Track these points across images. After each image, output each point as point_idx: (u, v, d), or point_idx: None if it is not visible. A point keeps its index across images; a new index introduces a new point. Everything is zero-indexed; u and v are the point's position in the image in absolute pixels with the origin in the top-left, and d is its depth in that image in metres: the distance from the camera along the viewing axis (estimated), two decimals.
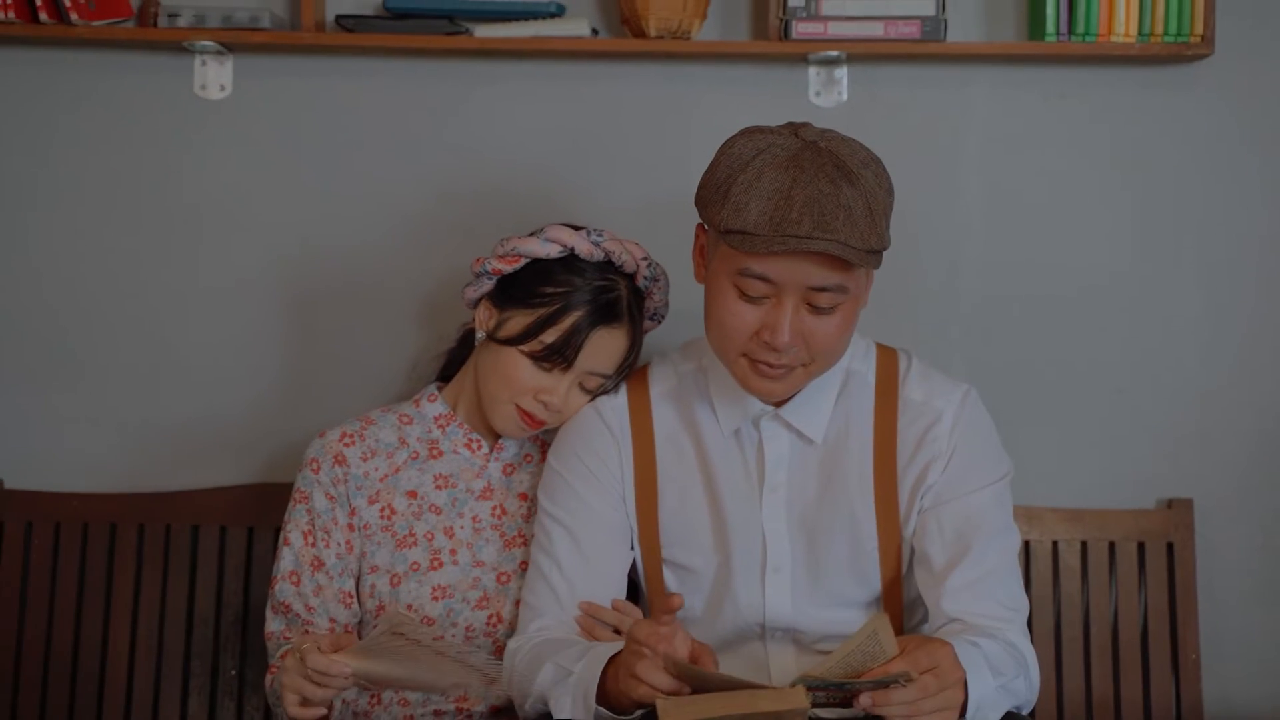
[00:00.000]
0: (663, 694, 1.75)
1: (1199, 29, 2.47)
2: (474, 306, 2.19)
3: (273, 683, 2.10)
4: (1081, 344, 2.62)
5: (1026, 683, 1.95)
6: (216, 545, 2.53)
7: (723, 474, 2.08)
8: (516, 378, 2.11)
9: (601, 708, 1.85)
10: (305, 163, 2.59)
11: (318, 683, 1.87)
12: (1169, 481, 2.61)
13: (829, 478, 2.06)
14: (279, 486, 2.45)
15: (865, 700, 1.71)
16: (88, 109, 2.58)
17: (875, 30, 2.46)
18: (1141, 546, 2.57)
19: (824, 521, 2.05)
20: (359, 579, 2.18)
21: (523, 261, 2.12)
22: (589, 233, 2.12)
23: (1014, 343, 2.62)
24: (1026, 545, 2.53)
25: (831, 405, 2.06)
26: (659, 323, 2.24)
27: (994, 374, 2.55)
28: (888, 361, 2.10)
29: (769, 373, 1.94)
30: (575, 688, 1.89)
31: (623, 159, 2.59)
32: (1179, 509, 2.58)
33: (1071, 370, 2.62)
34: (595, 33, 2.52)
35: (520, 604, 2.13)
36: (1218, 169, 2.60)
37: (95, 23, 2.46)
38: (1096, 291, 2.61)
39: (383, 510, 2.18)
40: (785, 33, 2.46)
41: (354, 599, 2.17)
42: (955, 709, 1.78)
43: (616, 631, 2.06)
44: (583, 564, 2.08)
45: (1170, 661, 2.54)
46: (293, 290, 2.60)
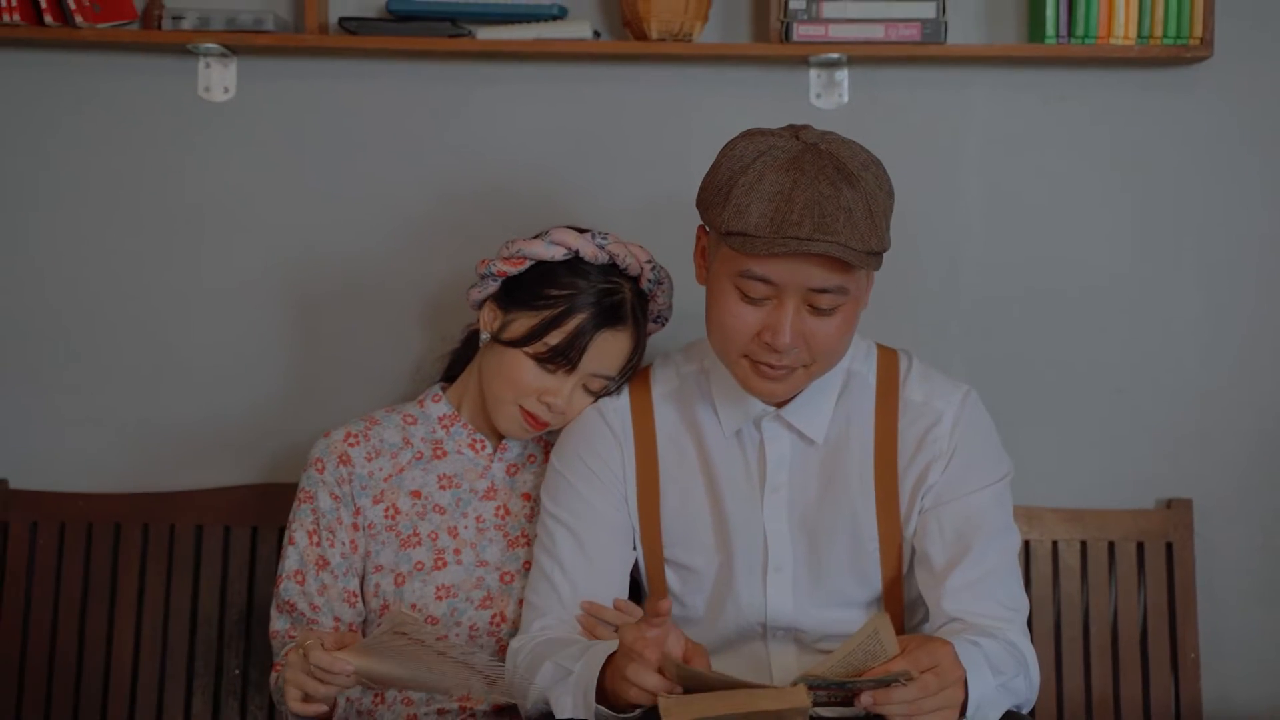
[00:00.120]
0: (653, 697, 1.76)
1: (1198, 31, 2.47)
2: (478, 308, 2.19)
3: (277, 680, 2.10)
4: (1081, 345, 2.62)
5: (1026, 682, 1.95)
6: (220, 545, 2.53)
7: (724, 474, 2.08)
8: (520, 379, 2.11)
9: (602, 707, 1.85)
10: (309, 164, 2.59)
11: (320, 679, 1.88)
12: (1168, 482, 2.62)
13: (830, 478, 2.06)
14: (283, 486, 2.46)
15: (866, 699, 1.72)
16: (92, 111, 2.58)
17: (876, 33, 2.46)
18: (1141, 546, 2.57)
19: (825, 521, 2.05)
20: (363, 578, 2.19)
21: (527, 264, 2.12)
22: (594, 235, 2.12)
23: (1014, 343, 2.62)
24: (1026, 545, 2.53)
25: (832, 406, 2.06)
26: (662, 325, 2.24)
27: (994, 374, 2.55)
28: (888, 362, 2.10)
29: (770, 374, 1.95)
30: (575, 687, 1.89)
31: (624, 161, 2.59)
32: (1178, 509, 2.58)
33: (1071, 371, 2.62)
34: (597, 35, 2.53)
35: (523, 603, 2.13)
36: (1217, 170, 2.61)
37: (100, 25, 2.46)
38: (1096, 292, 2.62)
39: (387, 510, 2.19)
40: (786, 35, 2.47)
41: (358, 598, 2.18)
42: (955, 708, 1.78)
43: (618, 631, 2.06)
44: (585, 564, 2.09)
45: (1169, 661, 2.54)
46: (296, 291, 2.60)
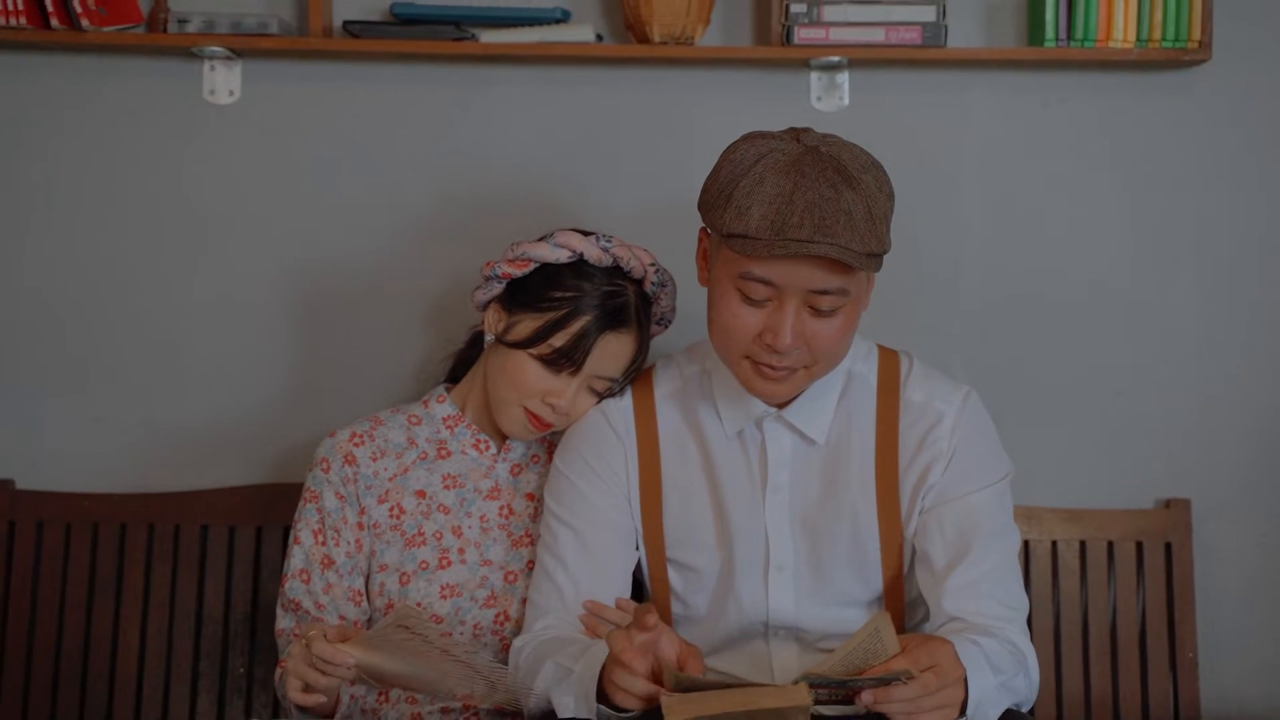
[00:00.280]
0: (643, 702, 1.77)
1: (1196, 34, 2.49)
2: (483, 309, 2.20)
3: (281, 677, 2.10)
4: (1081, 346, 2.63)
5: (1026, 680, 1.96)
6: (225, 545, 2.54)
7: (726, 475, 2.08)
8: (525, 380, 2.12)
9: (603, 706, 1.86)
10: (313, 166, 2.60)
11: (322, 670, 1.88)
12: (1167, 482, 2.62)
13: (831, 478, 2.07)
14: (288, 486, 2.47)
15: (867, 697, 1.73)
16: (97, 114, 2.58)
17: (876, 36, 2.47)
18: (1140, 546, 2.58)
19: (826, 521, 2.06)
20: (368, 577, 2.19)
21: (532, 266, 2.12)
22: (598, 238, 2.13)
23: (1014, 345, 2.63)
24: (1026, 545, 2.54)
25: (833, 406, 2.07)
26: (666, 328, 2.25)
27: (994, 376, 2.56)
28: (889, 363, 2.11)
29: (771, 375, 1.95)
30: (576, 686, 1.90)
31: (627, 163, 2.60)
32: (1177, 509, 2.59)
33: (1071, 372, 2.63)
34: (599, 38, 2.54)
35: (526, 603, 2.14)
36: (1216, 172, 2.61)
37: (105, 28, 2.47)
38: (1096, 294, 2.62)
39: (392, 509, 2.20)
40: (787, 38, 2.47)
41: (363, 597, 2.18)
42: (955, 706, 1.79)
43: (607, 638, 2.06)
44: (588, 564, 2.09)
45: (1168, 660, 2.55)
46: (301, 292, 2.60)
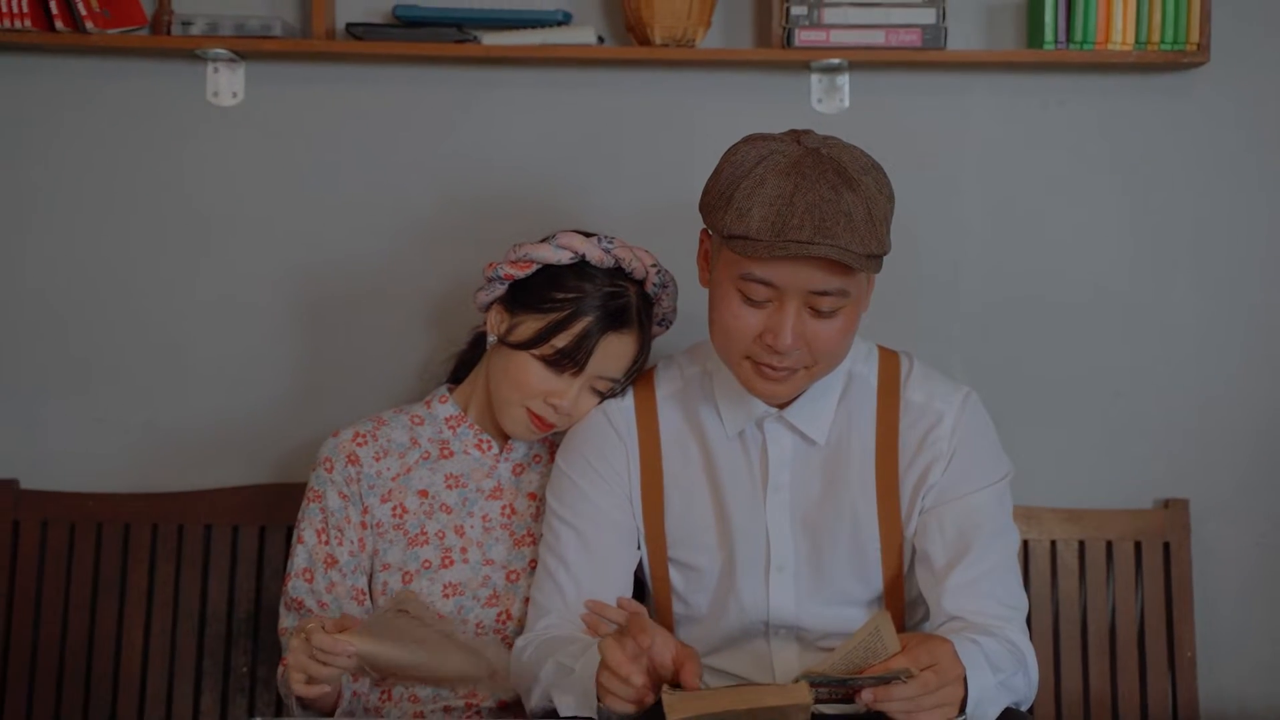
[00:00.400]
0: (634, 708, 1.78)
1: (1195, 37, 2.49)
2: (485, 310, 2.20)
3: (282, 674, 2.10)
4: (1080, 347, 2.63)
5: (1025, 679, 1.96)
6: (229, 544, 2.54)
7: (727, 475, 2.09)
8: (527, 381, 2.13)
9: (604, 705, 1.86)
10: (316, 168, 2.60)
11: (322, 661, 1.88)
12: (1166, 482, 2.63)
13: (832, 478, 2.07)
14: (291, 486, 2.48)
15: (867, 696, 1.73)
16: (101, 115, 2.59)
17: (877, 38, 2.48)
18: (1138, 546, 2.58)
19: (827, 521, 2.07)
20: (371, 576, 2.20)
21: (534, 267, 2.13)
22: (600, 239, 2.13)
23: (1014, 346, 2.63)
24: (1025, 545, 2.55)
25: (834, 407, 2.07)
26: (667, 328, 2.26)
27: (994, 376, 2.57)
28: (889, 364, 2.11)
29: (772, 375, 1.96)
30: (577, 685, 1.90)
31: (628, 165, 2.61)
32: (1175, 509, 2.60)
33: (1070, 373, 2.63)
34: (601, 41, 2.55)
35: (528, 602, 2.15)
36: (1215, 174, 2.62)
37: (109, 30, 2.48)
38: (1095, 295, 2.63)
39: (395, 509, 2.20)
40: (788, 41, 2.48)
41: (366, 596, 2.19)
42: (955, 705, 1.79)
43: (599, 645, 2.06)
44: (589, 563, 2.10)
45: (1166, 659, 2.55)
46: (304, 293, 2.61)
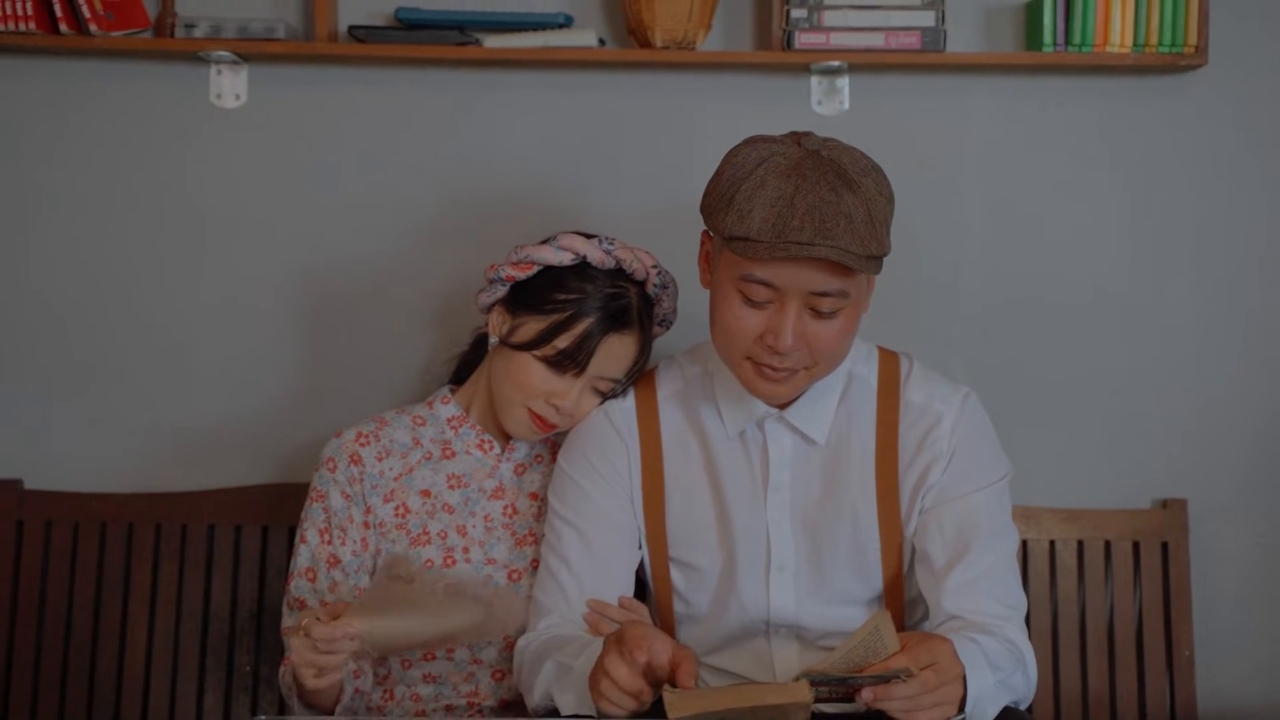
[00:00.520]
0: (628, 712, 1.79)
1: (1193, 39, 2.50)
2: (487, 311, 2.21)
3: (285, 674, 2.11)
4: (1079, 348, 2.64)
5: (1024, 678, 1.97)
6: (232, 544, 2.55)
7: (728, 475, 2.10)
8: (529, 382, 2.13)
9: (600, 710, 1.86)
10: (318, 169, 2.61)
11: (326, 650, 1.88)
12: (1164, 482, 2.64)
13: (832, 478, 2.08)
14: (294, 486, 2.48)
15: (867, 695, 1.74)
16: (105, 117, 2.60)
17: (876, 41, 2.49)
18: (1137, 546, 2.59)
19: (827, 521, 2.07)
20: (373, 576, 2.20)
21: (536, 268, 2.14)
22: (601, 241, 2.14)
23: (1013, 347, 2.64)
24: (1024, 544, 2.55)
25: (834, 407, 2.08)
26: (668, 329, 2.26)
27: (994, 377, 2.57)
28: (889, 364, 2.12)
29: (773, 376, 1.96)
30: (577, 684, 1.90)
31: (629, 166, 2.61)
32: (1174, 509, 2.60)
33: (1070, 374, 2.64)
34: (602, 43, 2.56)
35: (530, 602, 2.15)
36: (1214, 175, 2.63)
37: (113, 33, 2.48)
38: (1094, 296, 2.63)
39: (397, 509, 2.21)
40: (788, 43, 2.49)
41: None
42: (954, 704, 1.80)
43: (623, 628, 2.08)
44: (591, 563, 2.10)
45: (1165, 659, 2.56)
46: (307, 294, 2.62)
